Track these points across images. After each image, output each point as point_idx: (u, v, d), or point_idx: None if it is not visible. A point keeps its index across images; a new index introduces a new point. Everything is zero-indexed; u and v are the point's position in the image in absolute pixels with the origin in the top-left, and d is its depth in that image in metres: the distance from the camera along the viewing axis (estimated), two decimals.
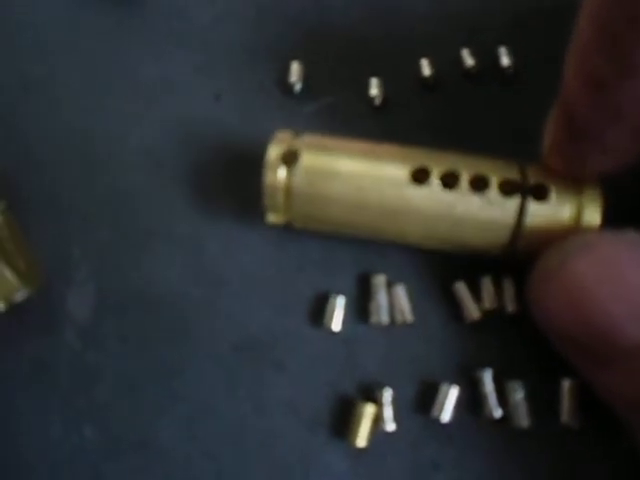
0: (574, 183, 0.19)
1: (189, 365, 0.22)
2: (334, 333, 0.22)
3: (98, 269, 0.23)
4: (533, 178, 0.19)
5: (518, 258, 0.20)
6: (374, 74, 0.25)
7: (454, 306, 0.22)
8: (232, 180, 0.24)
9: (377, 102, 0.24)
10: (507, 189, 0.19)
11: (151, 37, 0.27)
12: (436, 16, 0.26)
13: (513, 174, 0.19)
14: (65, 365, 0.22)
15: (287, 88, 0.25)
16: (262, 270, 0.23)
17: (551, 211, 0.19)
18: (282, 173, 0.20)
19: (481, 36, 0.25)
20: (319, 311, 0.22)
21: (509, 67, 0.24)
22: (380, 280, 0.22)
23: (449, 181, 0.19)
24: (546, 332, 0.18)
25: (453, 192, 0.19)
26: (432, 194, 0.19)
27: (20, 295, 0.22)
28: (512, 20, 0.25)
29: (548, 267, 0.17)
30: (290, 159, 0.20)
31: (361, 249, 0.23)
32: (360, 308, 0.22)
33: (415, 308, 0.22)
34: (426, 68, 0.25)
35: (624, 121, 0.16)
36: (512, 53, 0.24)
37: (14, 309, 0.22)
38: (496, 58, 0.24)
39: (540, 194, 0.19)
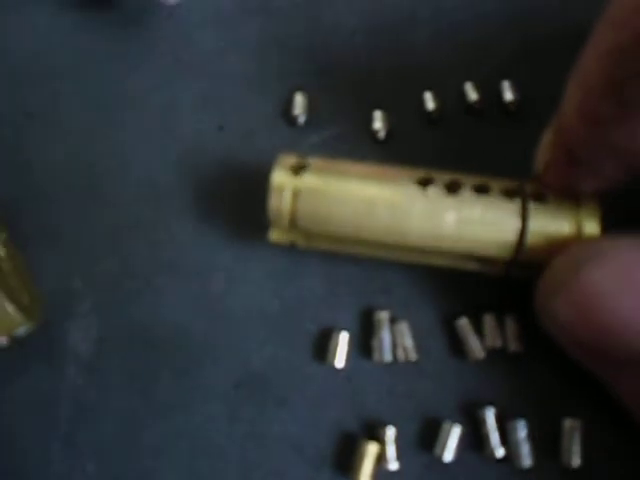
0: (570, 197, 0.19)
1: (191, 401, 0.22)
2: (337, 370, 0.22)
3: (100, 302, 0.23)
4: (531, 188, 0.20)
5: (520, 275, 0.20)
6: (378, 106, 0.25)
7: (457, 343, 0.22)
8: (235, 212, 0.24)
9: (381, 135, 0.24)
10: (508, 194, 0.20)
11: (154, 66, 0.27)
12: (440, 49, 0.26)
13: (512, 185, 0.20)
14: (67, 400, 0.22)
15: (291, 120, 0.25)
16: (265, 305, 0.23)
17: (552, 215, 0.19)
18: (288, 192, 0.20)
19: (485, 68, 0.25)
20: (322, 347, 0.22)
21: (512, 102, 0.24)
22: (383, 317, 0.22)
23: (452, 188, 0.20)
24: (559, 341, 0.18)
25: (457, 196, 0.19)
26: (437, 197, 0.20)
27: (22, 329, 0.22)
28: (516, 52, 0.25)
29: (560, 276, 0.17)
30: (298, 169, 0.20)
31: (364, 285, 0.23)
32: (364, 344, 0.22)
33: (418, 345, 0.22)
34: (430, 102, 0.25)
35: (620, 156, 0.17)
36: (516, 87, 0.24)
37: (16, 343, 0.22)
38: (499, 92, 0.25)
39: (539, 198, 0.19)
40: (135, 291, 0.23)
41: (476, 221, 0.19)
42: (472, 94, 0.25)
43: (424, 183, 0.20)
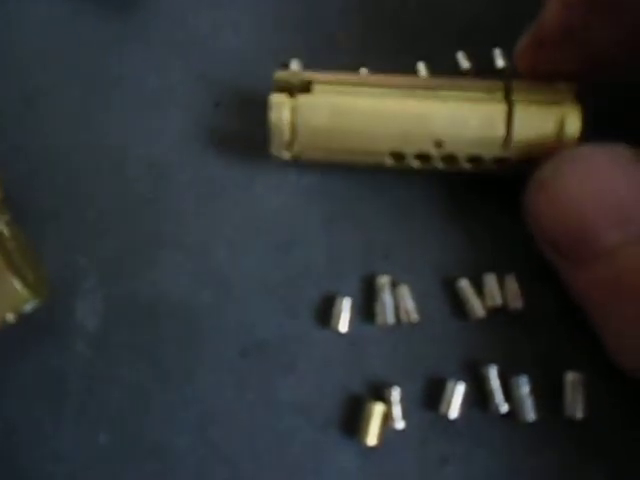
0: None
1: (199, 370, 0.22)
2: (341, 334, 0.22)
3: (105, 278, 0.24)
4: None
5: (512, 170, 0.21)
6: None
7: (458, 304, 0.22)
8: (234, 187, 0.25)
9: None
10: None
11: (150, 47, 0.27)
12: (431, 19, 0.26)
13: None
14: (76, 374, 0.23)
15: None
16: (268, 275, 0.23)
17: (536, 115, 0.20)
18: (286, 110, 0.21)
19: (476, 37, 0.26)
20: (326, 313, 0.23)
21: (504, 69, 0.25)
22: (384, 281, 0.23)
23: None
24: (535, 236, 0.20)
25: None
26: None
27: (29, 306, 0.22)
28: (506, 20, 0.26)
29: (543, 176, 0.19)
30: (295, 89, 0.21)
31: (364, 251, 0.23)
32: (366, 309, 0.23)
33: (420, 307, 0.22)
34: (423, 71, 0.25)
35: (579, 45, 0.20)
36: (507, 54, 0.25)
37: (23, 320, 0.22)
38: (491, 60, 0.25)
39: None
40: (138, 265, 0.24)
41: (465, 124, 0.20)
42: (464, 62, 0.25)
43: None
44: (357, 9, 0.27)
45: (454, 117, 0.20)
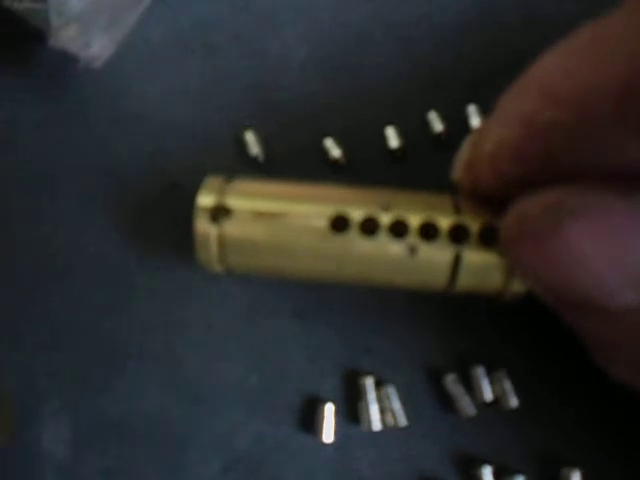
0: None
1: None
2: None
3: (68, 398, 0.22)
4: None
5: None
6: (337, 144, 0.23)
7: (446, 399, 0.21)
8: (200, 286, 0.23)
9: (342, 161, 0.23)
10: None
11: (92, 125, 0.24)
12: (397, 75, 0.24)
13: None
14: None
15: (252, 161, 0.23)
16: (244, 381, 0.22)
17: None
18: (213, 228, 0.19)
19: (447, 96, 0.23)
20: (308, 418, 0.21)
21: None
22: (367, 383, 0.21)
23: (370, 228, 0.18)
24: (531, 286, 0.17)
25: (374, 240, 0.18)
26: (353, 243, 0.18)
27: None
28: (480, 71, 0.24)
29: (533, 221, 0.15)
30: (219, 214, 0.19)
31: (344, 347, 0.22)
32: (351, 410, 0.21)
33: (407, 405, 0.21)
34: (393, 139, 0.23)
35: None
36: (484, 110, 0.23)
37: None
38: (465, 119, 0.23)
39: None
40: (103, 380, 0.22)
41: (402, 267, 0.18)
42: (437, 124, 0.23)
43: (338, 224, 0.18)
44: (315, 64, 0.24)
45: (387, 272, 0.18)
